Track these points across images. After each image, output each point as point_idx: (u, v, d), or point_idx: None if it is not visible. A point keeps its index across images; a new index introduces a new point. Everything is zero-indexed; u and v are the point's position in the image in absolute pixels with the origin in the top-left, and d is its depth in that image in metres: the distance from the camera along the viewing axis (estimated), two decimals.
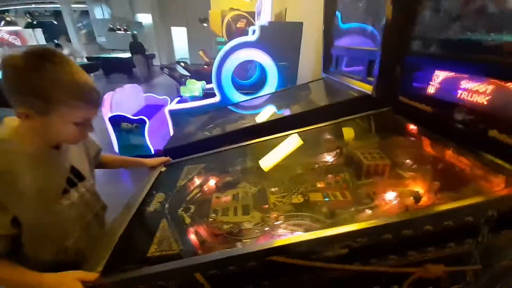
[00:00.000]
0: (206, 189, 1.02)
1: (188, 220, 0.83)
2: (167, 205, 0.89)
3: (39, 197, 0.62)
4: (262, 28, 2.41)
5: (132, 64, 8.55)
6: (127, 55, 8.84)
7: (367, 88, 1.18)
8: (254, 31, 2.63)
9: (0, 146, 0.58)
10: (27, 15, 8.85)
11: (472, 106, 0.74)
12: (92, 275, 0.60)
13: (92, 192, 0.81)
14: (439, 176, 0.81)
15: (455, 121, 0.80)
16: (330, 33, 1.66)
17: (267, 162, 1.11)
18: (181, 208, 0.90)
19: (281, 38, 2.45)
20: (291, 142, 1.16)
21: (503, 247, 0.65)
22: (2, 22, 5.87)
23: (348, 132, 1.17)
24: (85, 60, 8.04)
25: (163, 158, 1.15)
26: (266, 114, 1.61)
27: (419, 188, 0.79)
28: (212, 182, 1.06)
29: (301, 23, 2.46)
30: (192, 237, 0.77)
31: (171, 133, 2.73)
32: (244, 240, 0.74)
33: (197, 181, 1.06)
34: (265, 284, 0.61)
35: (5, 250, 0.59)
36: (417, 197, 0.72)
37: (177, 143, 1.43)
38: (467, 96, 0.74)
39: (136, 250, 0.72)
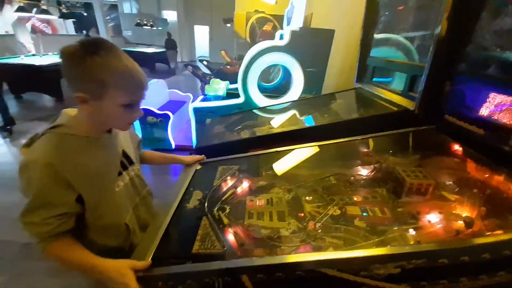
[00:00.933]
0: (239, 191, 1.03)
1: (226, 221, 0.84)
2: (206, 204, 0.91)
3: (100, 178, 0.68)
4: (293, 33, 2.41)
5: (155, 59, 8.82)
6: (151, 50, 9.12)
7: (408, 104, 1.15)
8: (281, 35, 2.64)
9: (61, 130, 0.63)
10: (61, 5, 9.31)
11: None
12: (144, 263, 0.62)
13: (139, 176, 0.87)
14: (487, 201, 0.78)
15: (508, 146, 0.77)
16: (367, 42, 1.64)
17: (285, 166, 1.12)
18: (216, 208, 0.92)
19: (311, 44, 2.45)
20: (312, 150, 1.17)
21: None
22: (34, 10, 6.20)
23: (380, 143, 1.16)
24: None
25: (198, 156, 1.18)
26: (295, 121, 1.61)
27: (466, 212, 0.77)
28: (245, 184, 1.07)
29: (333, 31, 2.44)
30: (231, 238, 0.78)
31: (193, 129, 2.79)
32: (283, 247, 0.75)
33: (231, 182, 1.08)
34: None
35: (69, 227, 0.63)
36: (469, 222, 0.70)
37: (209, 142, 1.46)
38: None
39: (181, 245, 0.75)
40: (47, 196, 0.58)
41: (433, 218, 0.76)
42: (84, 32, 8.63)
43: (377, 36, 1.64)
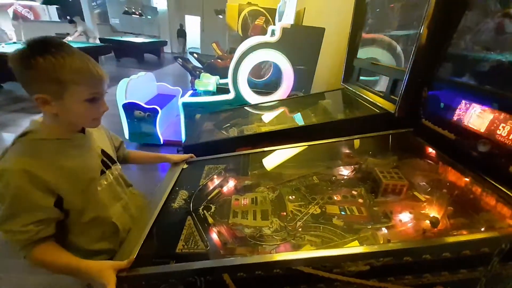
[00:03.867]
0: (225, 190, 1.06)
1: (211, 220, 0.87)
2: (191, 204, 0.93)
3: (78, 177, 0.67)
4: (284, 30, 2.41)
5: (144, 49, 8.54)
6: (139, 40, 8.82)
7: (389, 107, 1.20)
8: (273, 31, 2.63)
9: (30, 136, 0.62)
10: None
11: (496, 140, 0.77)
12: (125, 262, 0.64)
13: (122, 176, 0.87)
14: (454, 202, 0.84)
15: (477, 151, 0.83)
16: (355, 43, 1.67)
17: (272, 166, 1.16)
18: (202, 207, 0.94)
19: (302, 42, 2.46)
20: (297, 150, 1.20)
21: (508, 276, 0.68)
22: None
23: (361, 145, 1.21)
24: (98, 41, 8.03)
25: (185, 156, 1.19)
26: (284, 120, 1.64)
27: (434, 212, 0.83)
28: (231, 183, 1.09)
29: (323, 29, 2.46)
30: (215, 237, 0.81)
31: (182, 125, 2.77)
32: (264, 245, 0.78)
33: (217, 181, 1.10)
34: None
35: (49, 233, 0.63)
36: (435, 222, 0.75)
37: (197, 140, 1.47)
38: (493, 130, 0.77)
39: (165, 245, 0.76)
40: (23, 203, 0.58)
41: (404, 217, 0.82)
42: (68, 17, 8.21)
43: (365, 36, 1.67)
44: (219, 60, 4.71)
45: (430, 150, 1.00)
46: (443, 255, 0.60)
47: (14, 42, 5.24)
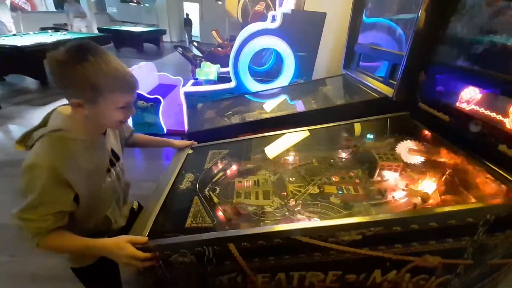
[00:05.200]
0: (229, 173, 1.11)
1: (216, 200, 0.93)
2: (197, 185, 0.99)
3: (92, 177, 0.71)
4: (285, 15, 2.38)
5: (143, 38, 8.43)
6: (138, 29, 8.68)
7: (388, 91, 1.22)
8: (274, 17, 2.60)
9: (63, 135, 0.66)
10: None
11: (487, 121, 0.80)
12: (142, 238, 0.70)
13: (122, 169, 0.90)
14: (446, 180, 0.89)
15: (469, 132, 0.86)
16: (355, 29, 1.66)
17: (273, 150, 1.20)
18: (207, 188, 1.00)
19: (303, 28, 2.43)
20: (298, 135, 1.24)
21: (494, 247, 0.74)
22: None
23: (359, 128, 1.25)
24: (96, 31, 7.93)
25: (188, 142, 1.24)
26: (285, 106, 1.67)
27: (427, 189, 0.88)
28: (234, 167, 1.15)
29: (324, 14, 2.43)
30: (221, 214, 0.87)
31: (184, 114, 2.80)
32: (266, 221, 0.85)
33: (221, 165, 1.15)
34: (286, 258, 0.71)
35: (64, 223, 0.68)
36: (425, 198, 0.80)
37: (201, 127, 1.51)
38: (484, 111, 0.80)
39: (175, 221, 0.83)
40: (47, 196, 0.61)
41: (397, 195, 0.87)
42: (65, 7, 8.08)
43: (366, 20, 1.66)
44: (219, 49, 4.66)
45: (426, 132, 1.04)
46: (430, 225, 0.66)
47: (14, 34, 5.21)
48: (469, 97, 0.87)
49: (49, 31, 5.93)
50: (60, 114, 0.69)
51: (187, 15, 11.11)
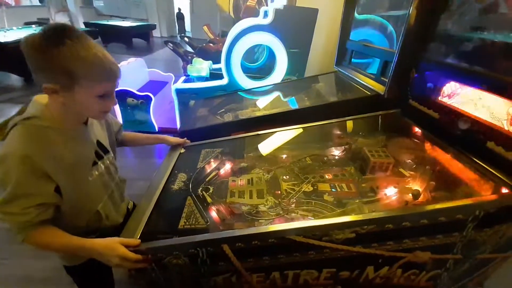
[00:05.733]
0: (222, 172, 1.10)
1: (209, 200, 0.92)
2: (190, 185, 0.97)
3: (75, 169, 0.68)
4: (277, 11, 2.36)
5: (132, 33, 8.19)
6: (127, 23, 8.42)
7: (379, 88, 1.23)
8: (266, 13, 2.57)
9: (36, 122, 0.62)
10: None
11: (476, 118, 0.82)
12: (134, 241, 0.69)
13: (113, 164, 0.87)
14: (436, 177, 0.91)
15: (459, 129, 0.88)
16: (347, 25, 1.66)
17: (266, 148, 1.20)
18: (201, 188, 0.98)
19: (295, 24, 2.41)
20: (291, 132, 1.24)
21: (483, 242, 0.76)
22: None
23: (352, 126, 1.26)
24: (83, 26, 7.64)
25: (181, 139, 1.22)
26: (278, 104, 1.66)
27: (417, 186, 0.90)
28: (228, 166, 1.14)
29: (317, 10, 2.41)
30: (214, 214, 0.86)
31: (176, 111, 2.76)
32: (260, 220, 0.84)
33: (214, 164, 1.14)
34: (280, 257, 0.71)
35: (49, 217, 0.65)
36: (416, 195, 0.82)
37: (193, 125, 1.49)
38: (474, 108, 0.82)
39: (168, 222, 0.82)
40: (25, 187, 0.59)
41: (389, 192, 0.88)
42: None
43: (358, 16, 1.66)
44: (211, 44, 4.59)
45: (416, 129, 1.06)
46: (421, 222, 0.67)
47: None
48: (459, 94, 0.88)
49: (33, 26, 5.68)
50: (36, 102, 0.65)
51: (179, 9, 11.01)
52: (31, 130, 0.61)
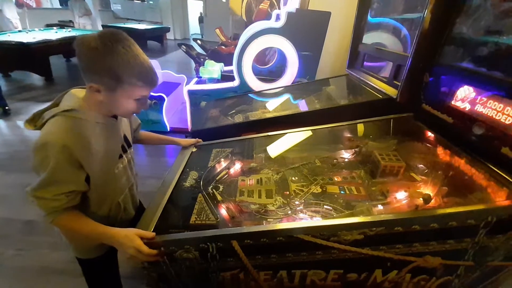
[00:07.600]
0: (232, 172, 1.13)
1: (219, 198, 0.95)
2: (201, 183, 1.00)
3: (104, 160, 0.73)
4: (289, 14, 2.38)
5: (147, 36, 8.45)
6: (142, 26, 8.70)
7: (392, 92, 1.22)
8: (278, 16, 2.59)
9: (74, 114, 0.67)
10: None
11: (490, 123, 0.80)
12: (149, 233, 0.72)
13: (133, 158, 0.92)
14: (449, 182, 0.89)
15: (473, 134, 0.87)
16: (360, 29, 1.66)
17: (276, 150, 1.21)
18: (211, 186, 1.01)
19: (307, 27, 2.42)
20: (301, 135, 1.25)
21: (495, 249, 0.74)
22: None
23: (363, 129, 1.26)
24: (101, 28, 7.97)
25: (193, 140, 1.25)
26: (288, 106, 1.67)
27: (429, 191, 0.89)
28: (237, 166, 1.16)
29: (329, 13, 2.42)
30: (224, 212, 0.89)
31: (188, 112, 2.82)
32: (269, 219, 0.86)
33: (224, 163, 1.17)
34: (288, 256, 0.73)
35: (76, 203, 0.70)
36: (427, 199, 0.81)
37: (204, 126, 1.53)
38: (488, 113, 0.80)
39: (180, 218, 0.85)
40: (59, 175, 0.64)
41: (399, 196, 0.88)
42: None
43: (371, 20, 1.65)
44: (223, 47, 4.67)
45: (429, 133, 1.04)
46: (431, 226, 0.67)
47: (20, 31, 5.26)
48: (473, 99, 0.87)
49: (54, 28, 5.98)
50: (73, 96, 0.71)
51: (200, 13, 11.46)
52: (71, 122, 0.66)
